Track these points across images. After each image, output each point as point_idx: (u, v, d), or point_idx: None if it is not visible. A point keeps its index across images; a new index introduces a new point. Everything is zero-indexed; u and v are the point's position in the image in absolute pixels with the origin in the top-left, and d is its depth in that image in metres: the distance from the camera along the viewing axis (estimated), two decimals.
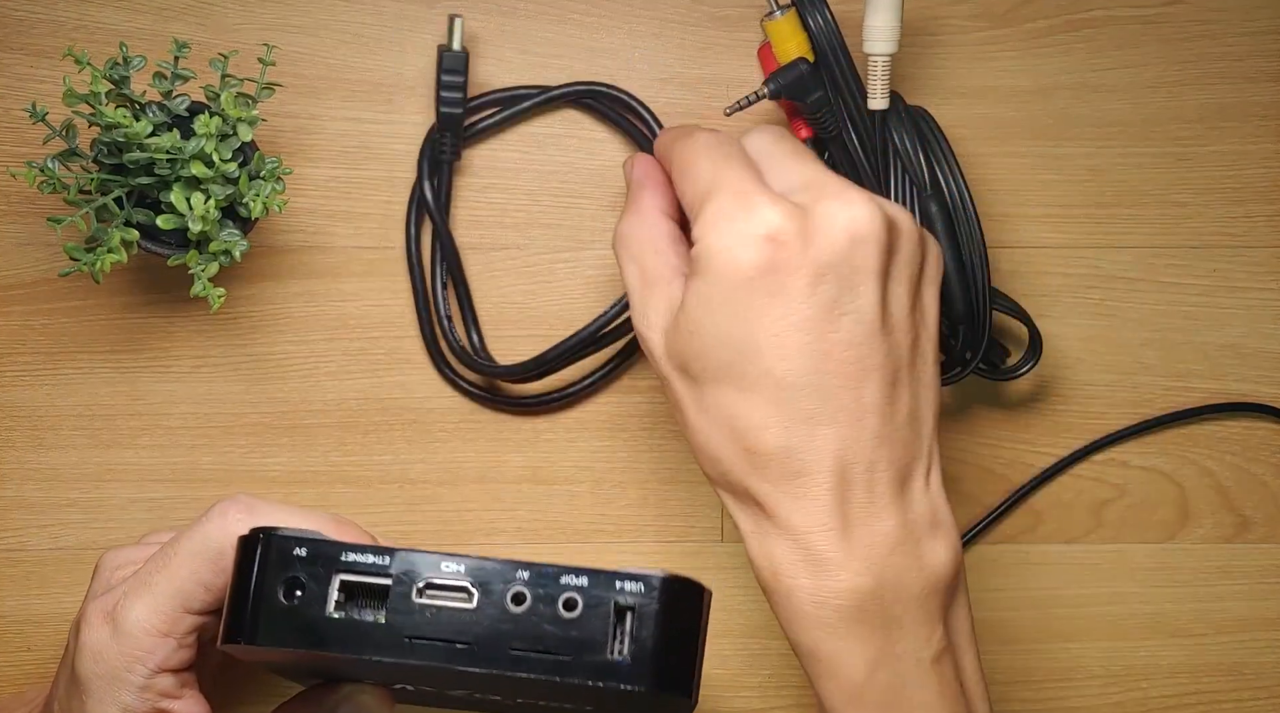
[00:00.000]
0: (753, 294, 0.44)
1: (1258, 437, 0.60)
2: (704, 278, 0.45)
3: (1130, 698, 0.60)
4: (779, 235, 0.44)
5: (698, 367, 0.45)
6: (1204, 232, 0.60)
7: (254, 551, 0.41)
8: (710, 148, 0.47)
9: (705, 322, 0.45)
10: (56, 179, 0.52)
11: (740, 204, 0.45)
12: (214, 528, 0.44)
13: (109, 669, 0.44)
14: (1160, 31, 0.59)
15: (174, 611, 0.44)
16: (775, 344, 0.44)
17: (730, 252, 0.44)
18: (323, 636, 0.40)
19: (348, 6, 0.58)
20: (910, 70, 0.59)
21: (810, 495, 0.44)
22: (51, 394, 0.58)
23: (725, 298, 0.44)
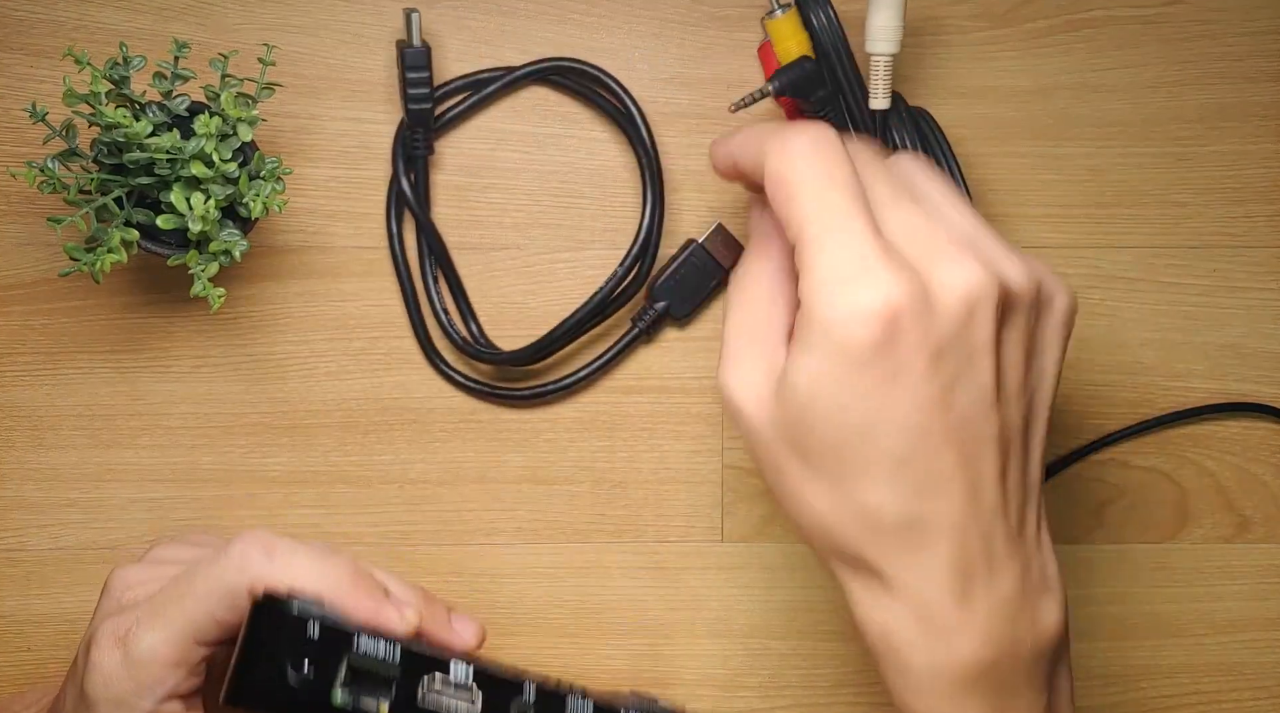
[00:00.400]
0: (870, 374, 0.41)
1: (1258, 437, 0.60)
2: (815, 353, 0.41)
3: (1130, 698, 0.60)
4: (899, 313, 0.41)
5: (807, 443, 0.43)
6: (1204, 232, 0.60)
7: (266, 621, 0.41)
8: (811, 166, 0.43)
9: (817, 398, 0.42)
10: (56, 179, 0.52)
11: (854, 266, 0.41)
12: (232, 570, 0.44)
13: (118, 694, 0.44)
14: (1160, 31, 0.59)
15: (185, 642, 0.44)
16: (893, 426, 0.42)
17: (845, 327, 0.41)
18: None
19: (348, 6, 0.58)
20: (910, 70, 0.59)
21: (929, 565, 0.43)
22: (51, 394, 0.58)
23: (839, 376, 0.41)
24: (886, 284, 0.41)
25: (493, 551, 0.59)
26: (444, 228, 0.58)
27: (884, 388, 0.41)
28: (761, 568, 0.59)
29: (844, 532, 0.43)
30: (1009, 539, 0.44)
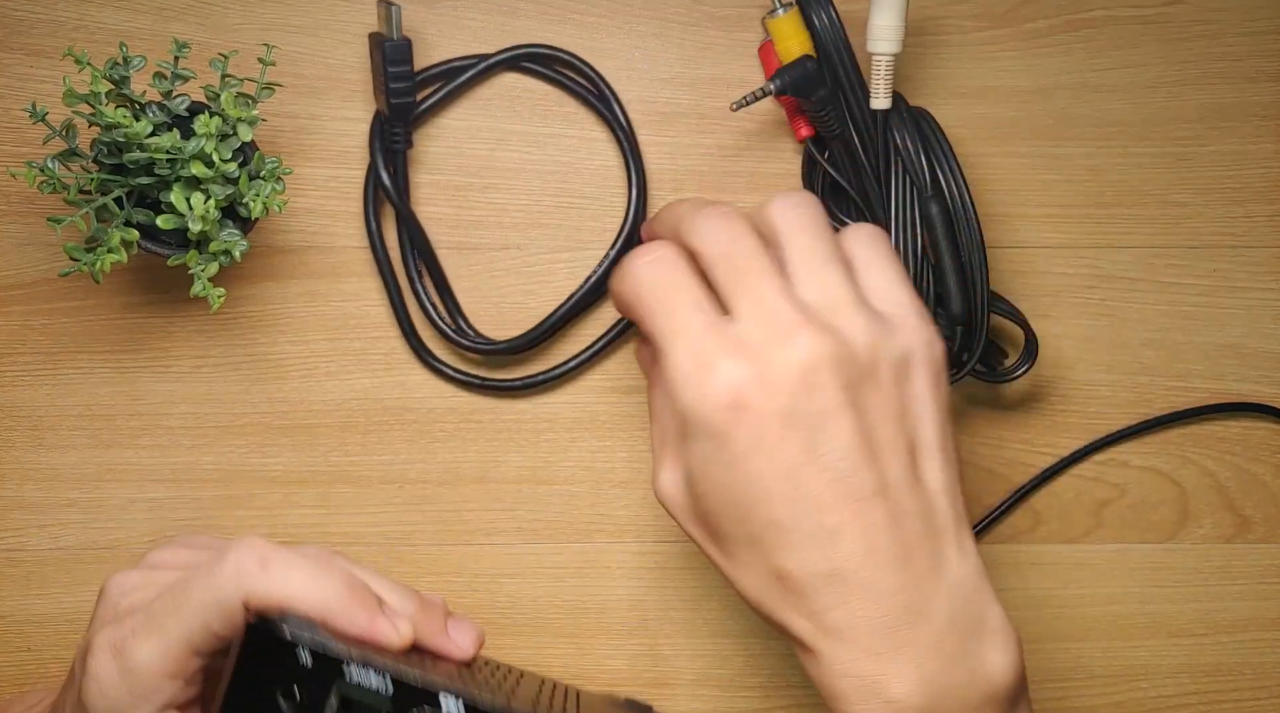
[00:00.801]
0: (735, 451, 0.44)
1: (1258, 437, 0.60)
2: (691, 445, 0.45)
3: (1130, 698, 0.60)
4: (740, 394, 0.44)
5: (714, 526, 0.46)
6: (1204, 232, 0.60)
7: (258, 645, 0.41)
8: (648, 278, 0.47)
9: (705, 483, 0.45)
10: (56, 179, 0.52)
11: (696, 362, 0.45)
12: (227, 582, 0.44)
13: (114, 704, 0.44)
14: (1160, 31, 0.59)
15: (182, 654, 0.44)
16: (767, 496, 0.44)
17: (701, 416, 0.45)
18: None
19: (348, 6, 0.58)
20: (910, 70, 0.59)
21: (847, 621, 0.44)
22: (51, 394, 0.58)
23: (714, 460, 0.45)
24: (727, 372, 0.44)
25: (493, 551, 0.59)
26: (444, 228, 0.58)
27: (751, 460, 0.44)
28: None
29: (768, 602, 0.46)
30: (925, 587, 0.45)
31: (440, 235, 0.58)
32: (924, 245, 0.55)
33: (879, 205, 0.56)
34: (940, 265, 0.55)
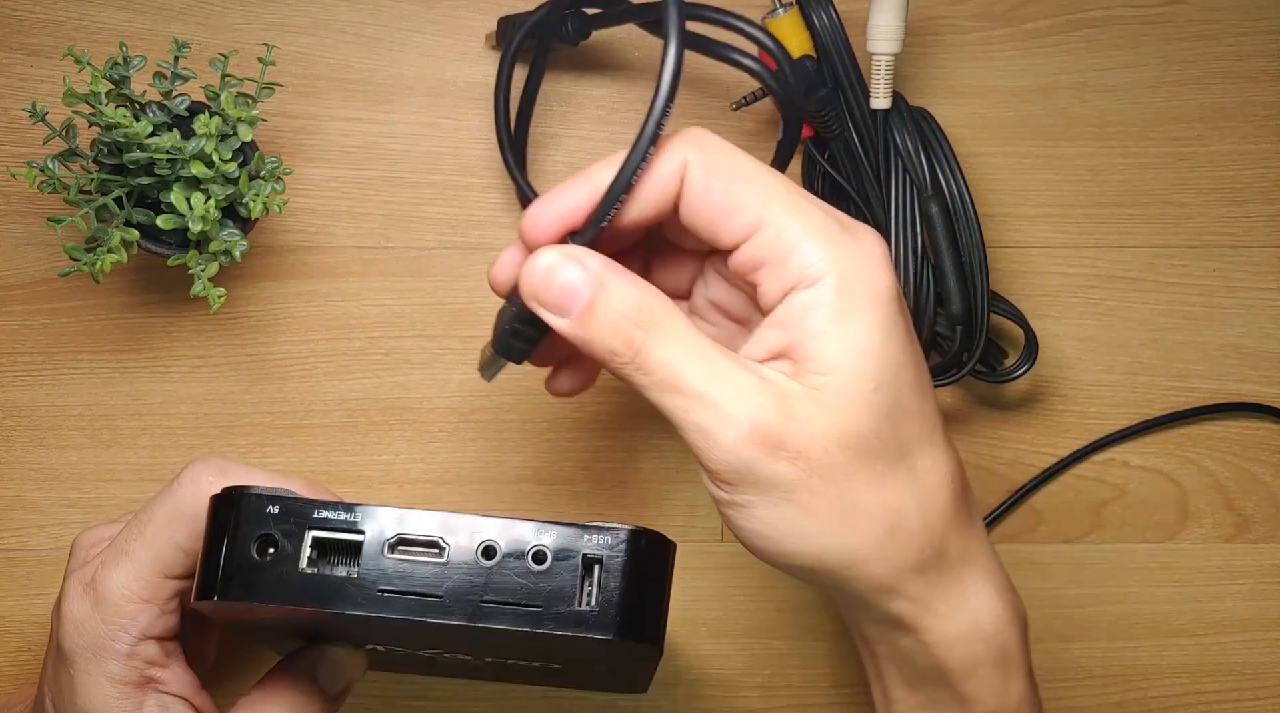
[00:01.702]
0: (907, 332, 0.41)
1: (1258, 437, 0.60)
2: (864, 319, 0.39)
3: (1130, 698, 0.60)
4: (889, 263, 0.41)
5: (886, 429, 0.40)
6: (1204, 232, 0.60)
7: (227, 509, 0.41)
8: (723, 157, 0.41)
9: (888, 368, 0.40)
10: (56, 179, 0.52)
11: (839, 221, 0.40)
12: (187, 492, 0.44)
13: (93, 640, 0.44)
14: (1161, 31, 0.59)
15: (153, 576, 0.44)
16: (919, 363, 0.41)
17: (881, 284, 0.40)
18: (296, 591, 0.40)
19: (347, 6, 0.58)
20: (911, 70, 0.59)
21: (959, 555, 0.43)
22: (51, 394, 0.58)
23: (895, 336, 0.40)
24: (871, 241, 0.41)
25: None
26: (444, 228, 0.58)
27: (911, 346, 0.41)
28: (761, 568, 0.59)
29: (932, 526, 0.41)
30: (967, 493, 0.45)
31: (441, 236, 0.58)
32: (924, 245, 0.55)
33: (879, 205, 0.56)
34: (940, 265, 0.55)
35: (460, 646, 0.43)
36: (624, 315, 0.39)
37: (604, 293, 0.39)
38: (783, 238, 0.39)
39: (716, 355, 0.39)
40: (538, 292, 0.40)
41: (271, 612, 0.41)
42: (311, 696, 0.46)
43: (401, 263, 0.58)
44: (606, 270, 0.40)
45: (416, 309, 0.58)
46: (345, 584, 0.40)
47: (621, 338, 0.39)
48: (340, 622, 0.42)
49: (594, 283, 0.39)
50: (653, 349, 0.39)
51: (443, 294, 0.58)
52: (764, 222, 0.40)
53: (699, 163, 0.40)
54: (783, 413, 0.39)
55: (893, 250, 0.55)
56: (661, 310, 0.40)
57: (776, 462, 0.39)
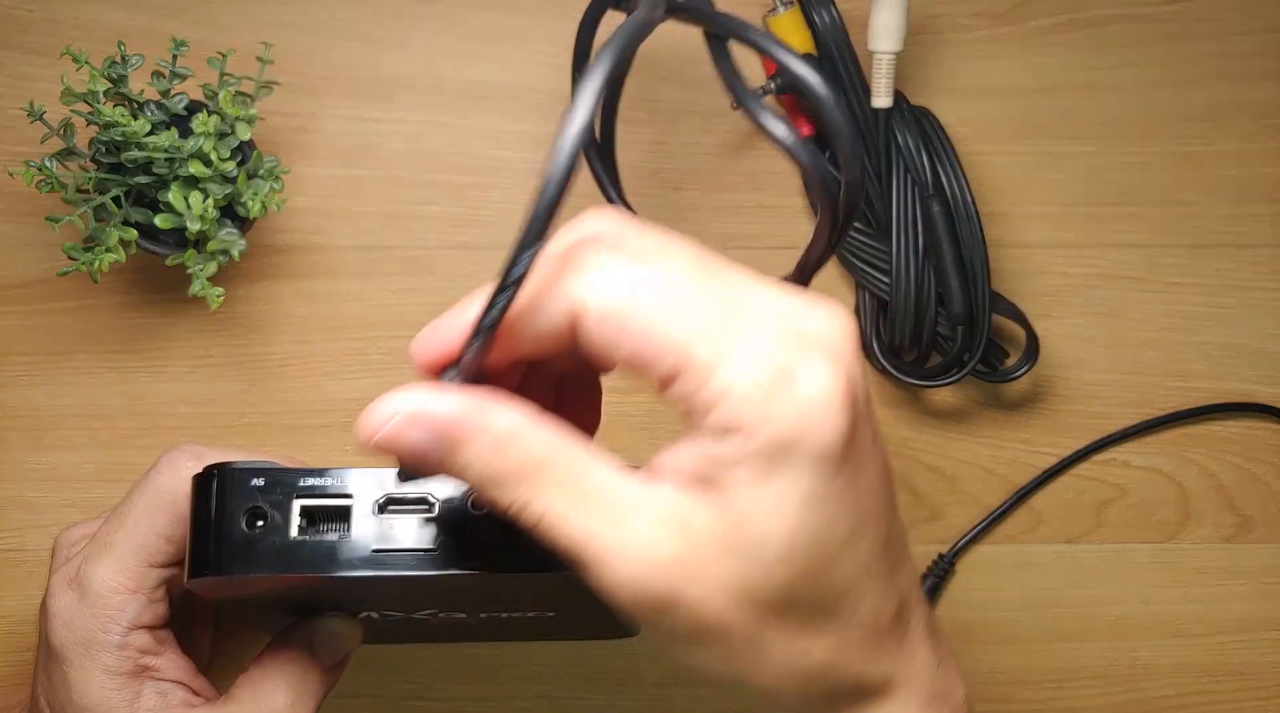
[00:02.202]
0: (852, 469, 0.34)
1: (1259, 437, 0.60)
2: (785, 472, 0.33)
3: (1131, 699, 0.60)
4: (849, 391, 0.33)
5: (799, 588, 0.34)
6: (1206, 231, 0.60)
7: (211, 486, 0.40)
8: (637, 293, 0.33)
9: (802, 527, 0.34)
10: (54, 178, 0.52)
11: (772, 370, 0.33)
12: (164, 479, 0.44)
13: (83, 634, 0.44)
14: (1163, 30, 0.59)
15: (138, 566, 0.44)
16: (876, 517, 0.35)
17: (812, 429, 0.33)
18: (289, 558, 0.39)
19: (346, 4, 0.58)
20: (912, 68, 0.59)
21: (918, 636, 0.38)
22: (50, 394, 0.57)
23: (819, 488, 0.34)
24: (817, 372, 0.33)
25: None
26: (444, 228, 0.58)
27: (863, 477, 0.35)
28: None
29: (848, 662, 0.36)
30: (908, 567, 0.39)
31: (440, 235, 0.58)
32: (925, 244, 0.55)
33: (880, 204, 0.56)
34: (941, 265, 0.55)
35: (455, 601, 0.43)
36: (486, 474, 0.34)
37: (455, 455, 0.34)
38: (704, 391, 0.33)
39: (610, 498, 0.34)
40: (382, 447, 0.34)
41: (266, 583, 0.41)
42: (310, 668, 0.46)
43: (401, 262, 0.58)
44: (459, 423, 0.34)
45: (416, 309, 0.58)
46: (338, 546, 0.39)
47: (488, 495, 0.34)
48: (335, 588, 0.41)
49: (442, 442, 0.34)
50: (527, 506, 0.34)
51: (442, 294, 0.58)
52: (682, 370, 0.33)
53: (596, 313, 0.33)
54: (677, 569, 0.33)
55: (894, 250, 0.55)
56: (533, 458, 0.34)
57: (669, 615, 0.34)
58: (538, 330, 0.34)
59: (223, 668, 0.55)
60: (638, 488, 0.34)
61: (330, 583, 0.40)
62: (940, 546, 0.59)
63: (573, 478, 0.34)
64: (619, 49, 0.34)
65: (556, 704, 0.58)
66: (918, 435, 0.59)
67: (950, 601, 0.59)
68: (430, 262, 0.58)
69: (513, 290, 0.33)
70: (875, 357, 0.57)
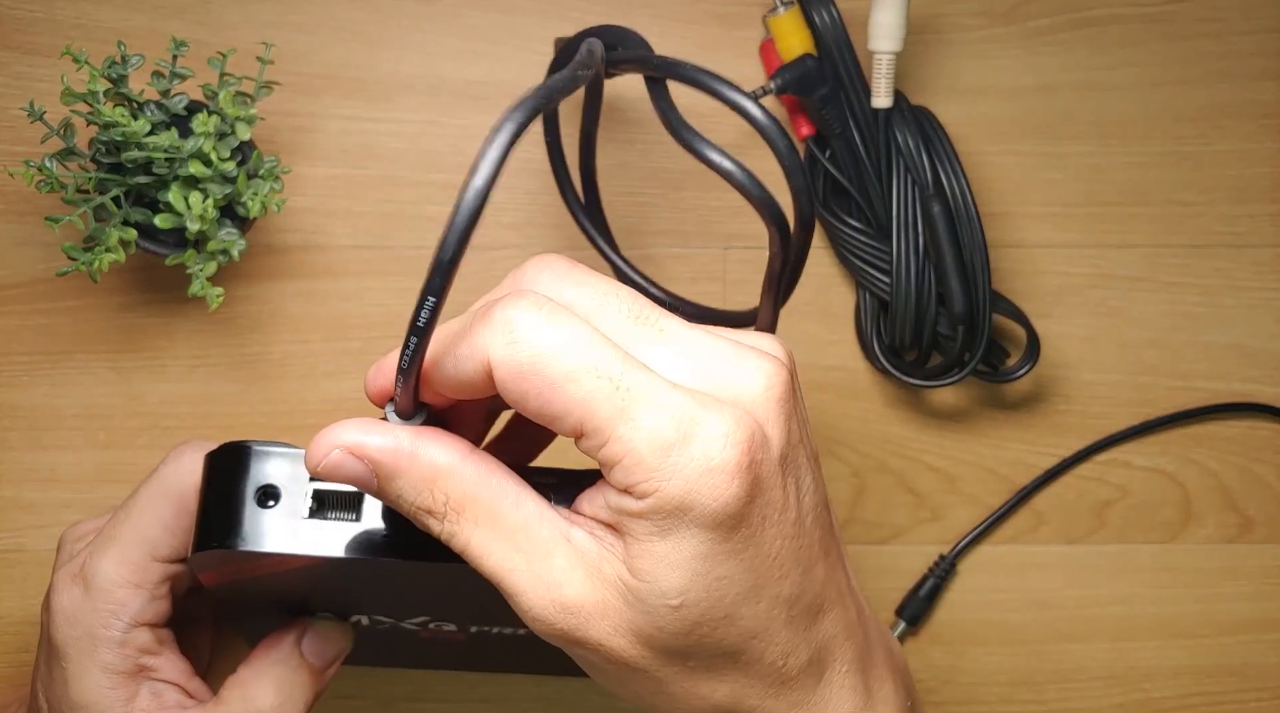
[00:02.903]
0: (750, 527, 0.35)
1: (1261, 437, 0.60)
2: (682, 531, 0.34)
3: (1133, 699, 0.60)
4: (748, 451, 0.34)
5: (695, 638, 0.36)
6: (1207, 231, 0.59)
7: (226, 462, 0.40)
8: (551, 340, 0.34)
9: (698, 587, 0.35)
10: (54, 178, 0.52)
11: (674, 424, 0.34)
12: (170, 471, 0.44)
13: (85, 629, 0.44)
14: (1163, 30, 0.59)
15: (142, 559, 0.44)
16: (779, 574, 0.36)
17: (707, 490, 0.34)
18: (298, 538, 0.39)
19: (346, 4, 0.58)
20: (911, 68, 0.58)
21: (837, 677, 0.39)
22: (49, 394, 0.57)
23: (717, 546, 0.35)
24: (716, 428, 0.34)
25: None
26: (443, 227, 0.58)
27: (765, 533, 0.36)
28: None
29: (752, 705, 0.37)
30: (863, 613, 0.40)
31: (439, 234, 0.58)
32: (926, 244, 0.55)
33: (880, 204, 0.55)
34: (942, 264, 0.55)
35: (450, 605, 0.43)
36: (416, 505, 0.36)
37: (387, 486, 0.36)
38: (605, 450, 0.34)
39: (529, 535, 0.36)
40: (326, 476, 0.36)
41: (267, 567, 0.40)
42: (300, 671, 0.46)
43: (400, 262, 0.58)
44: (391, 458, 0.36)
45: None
46: (348, 531, 0.39)
47: (420, 523, 0.36)
48: (332, 581, 0.41)
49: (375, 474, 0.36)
50: (454, 536, 0.36)
51: None
52: (584, 429, 0.34)
53: (502, 370, 0.34)
54: (584, 609, 0.35)
55: (894, 250, 0.55)
56: (461, 492, 0.36)
57: (579, 648, 0.36)
58: (458, 377, 0.35)
59: (220, 671, 0.55)
60: (555, 527, 0.36)
61: (331, 571, 0.40)
62: (941, 546, 0.59)
63: (497, 514, 0.36)
64: (529, 109, 0.36)
65: (553, 706, 0.58)
66: (918, 436, 0.59)
67: (951, 601, 0.59)
68: (430, 261, 0.58)
69: (420, 339, 0.35)
70: (876, 357, 0.57)
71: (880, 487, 0.59)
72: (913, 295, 0.55)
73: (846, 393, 0.59)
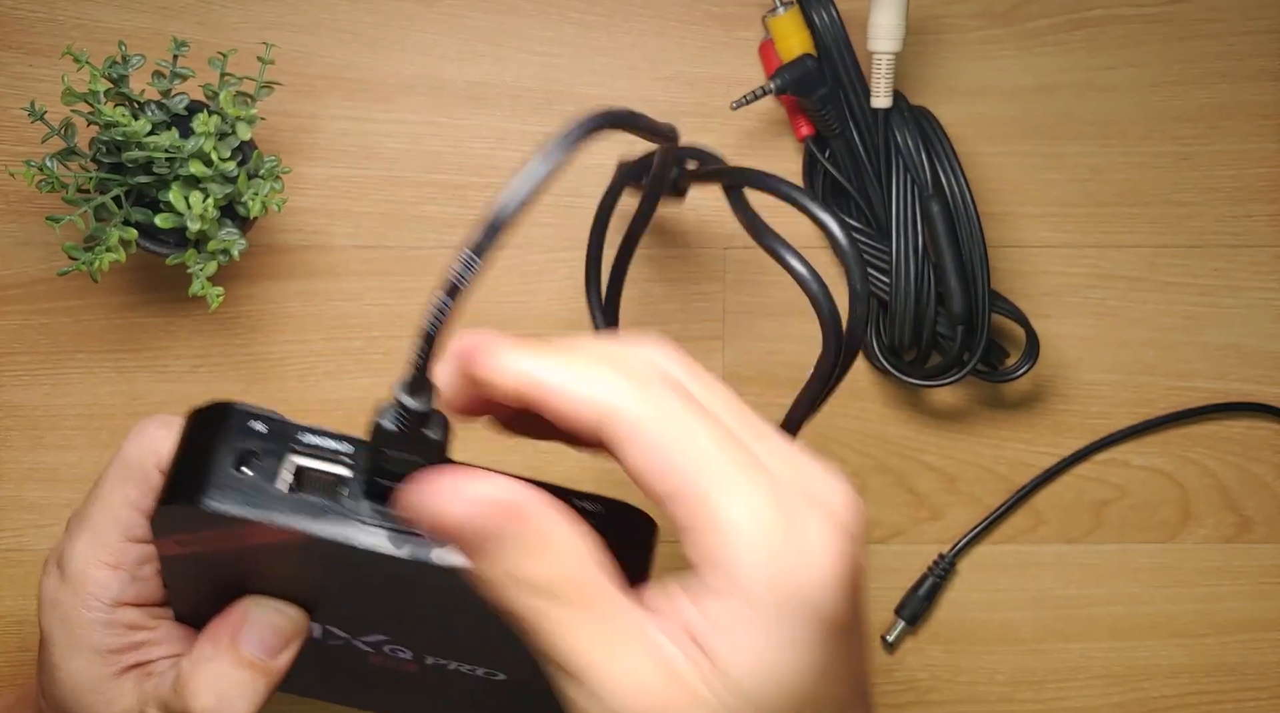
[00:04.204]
0: (852, 630, 0.34)
1: (1259, 437, 0.60)
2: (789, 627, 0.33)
3: (1131, 698, 0.60)
4: (852, 555, 0.33)
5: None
6: (1205, 231, 0.60)
7: (209, 420, 0.38)
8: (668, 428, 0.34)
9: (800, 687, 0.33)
10: (55, 178, 0.52)
11: (783, 522, 0.33)
12: (133, 447, 0.42)
13: (67, 613, 0.43)
14: (1162, 30, 0.59)
15: (115, 540, 0.43)
16: (861, 689, 0.35)
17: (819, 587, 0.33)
18: (271, 508, 0.37)
19: (347, 5, 0.58)
20: (911, 68, 0.59)
21: None
22: (50, 394, 0.57)
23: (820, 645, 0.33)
24: (823, 531, 0.33)
25: None
26: (444, 228, 0.58)
27: (856, 637, 0.35)
28: None
29: None
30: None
31: (440, 235, 0.58)
32: (925, 244, 0.55)
33: (880, 204, 0.56)
34: (941, 264, 0.55)
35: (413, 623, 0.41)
36: (513, 575, 0.34)
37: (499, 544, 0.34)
38: (708, 526, 0.33)
39: (611, 624, 0.34)
40: (441, 524, 0.34)
41: (232, 539, 0.38)
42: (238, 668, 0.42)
43: (400, 262, 0.58)
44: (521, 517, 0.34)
45: (416, 309, 0.58)
46: (322, 508, 0.37)
47: (500, 595, 0.34)
48: (296, 573, 0.39)
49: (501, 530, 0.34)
50: (532, 609, 0.34)
51: None
52: (692, 523, 0.33)
53: (637, 432, 0.34)
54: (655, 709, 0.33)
55: (894, 250, 0.55)
56: (562, 567, 0.34)
57: None
58: (557, 404, 0.35)
59: None
60: (636, 620, 0.34)
61: (297, 557, 0.38)
62: (941, 545, 0.59)
63: (588, 596, 0.34)
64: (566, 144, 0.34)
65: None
66: (918, 435, 0.59)
67: (951, 601, 0.59)
68: (430, 262, 0.58)
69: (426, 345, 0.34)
70: (875, 357, 0.57)
71: (880, 486, 0.59)
72: (912, 295, 0.55)
73: (846, 393, 0.59)
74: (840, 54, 0.54)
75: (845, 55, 0.54)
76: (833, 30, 0.54)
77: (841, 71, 0.54)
